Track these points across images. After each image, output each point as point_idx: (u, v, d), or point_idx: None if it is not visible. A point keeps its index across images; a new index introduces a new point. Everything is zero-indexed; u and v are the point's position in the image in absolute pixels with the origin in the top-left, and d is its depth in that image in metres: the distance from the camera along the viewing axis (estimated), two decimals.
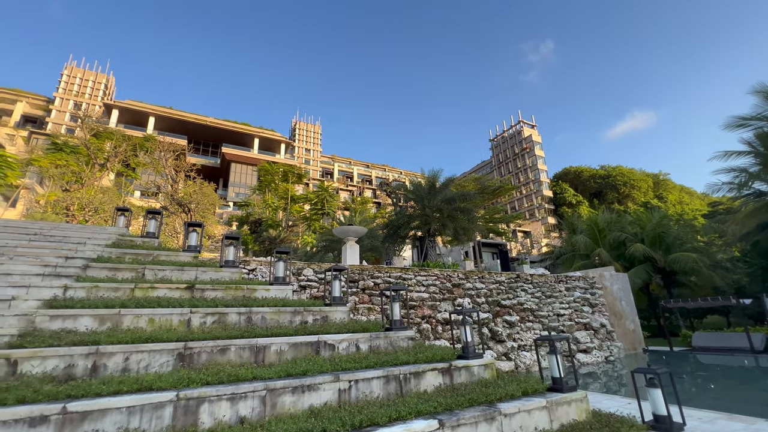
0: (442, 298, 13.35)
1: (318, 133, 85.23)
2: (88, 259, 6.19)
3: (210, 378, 3.74)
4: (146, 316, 4.71)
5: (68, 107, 58.15)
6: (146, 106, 59.71)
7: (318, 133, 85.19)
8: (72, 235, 7.21)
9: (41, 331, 4.03)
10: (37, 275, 5.29)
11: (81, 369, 3.68)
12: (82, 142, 28.92)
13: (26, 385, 3.20)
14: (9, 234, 6.71)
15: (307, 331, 5.18)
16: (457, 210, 18.72)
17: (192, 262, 7.02)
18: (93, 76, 63.07)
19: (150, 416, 3.21)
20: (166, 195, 23.35)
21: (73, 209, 17.97)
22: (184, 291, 5.69)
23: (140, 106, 59.12)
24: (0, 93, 54.78)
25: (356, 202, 55.53)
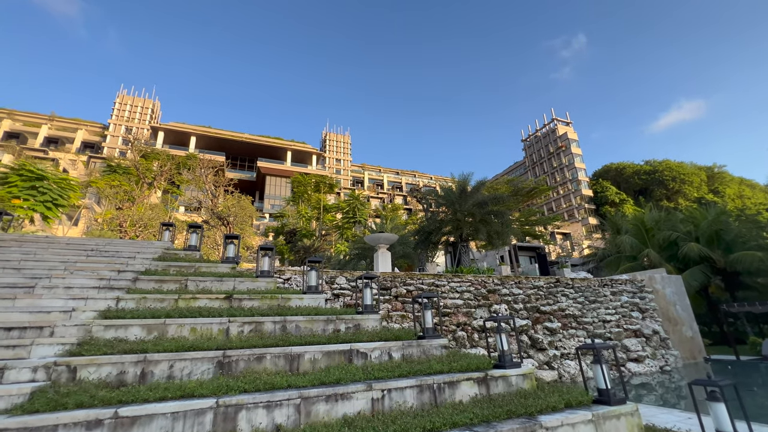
0: (477, 304, 13.01)
1: (348, 143, 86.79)
2: (138, 272, 6.64)
3: (247, 386, 3.85)
4: (189, 326, 4.96)
5: (120, 132, 63.37)
6: (188, 126, 63.74)
7: (348, 143, 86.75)
8: (123, 250, 7.79)
9: (97, 340, 4.36)
10: (93, 288, 5.74)
11: (131, 376, 3.93)
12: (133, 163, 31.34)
13: (84, 390, 3.45)
14: (70, 250, 7.36)
15: (340, 339, 5.22)
16: (490, 213, 18.25)
17: (230, 273, 7.33)
18: (141, 102, 68.38)
19: (192, 422, 3.35)
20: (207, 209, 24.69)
21: (126, 226, 19.46)
22: (223, 301, 5.95)
23: (182, 127, 63.21)
24: (63, 123, 60.73)
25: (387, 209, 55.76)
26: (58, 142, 58.23)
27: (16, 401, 3.24)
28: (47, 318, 4.70)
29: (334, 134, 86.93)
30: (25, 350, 4.00)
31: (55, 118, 60.62)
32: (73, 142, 59.14)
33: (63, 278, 5.85)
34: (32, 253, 6.82)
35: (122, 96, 66.80)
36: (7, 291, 5.22)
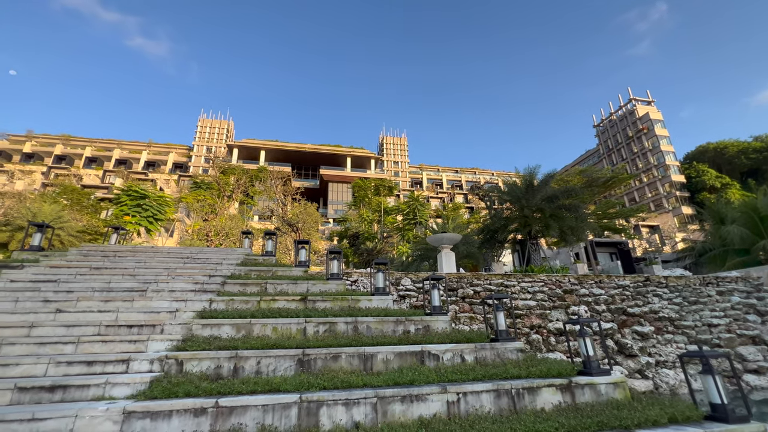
0: (552, 306, 12.14)
1: (404, 144, 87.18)
2: (225, 276, 7.37)
3: (326, 383, 4.04)
4: (271, 325, 5.37)
5: (203, 152, 71.16)
6: (257, 142, 69.34)
7: (404, 145, 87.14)
8: (212, 257, 8.72)
9: (197, 338, 4.92)
10: (191, 291, 6.51)
11: (226, 370, 4.36)
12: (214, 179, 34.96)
13: (189, 381, 3.92)
14: (170, 258, 8.44)
15: (410, 340, 5.23)
16: (562, 208, 16.94)
17: (303, 276, 7.78)
18: (218, 124, 76.11)
19: (280, 415, 3.61)
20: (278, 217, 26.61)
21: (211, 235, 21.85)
22: (299, 302, 6.33)
23: (253, 143, 68.93)
24: (158, 147, 70.00)
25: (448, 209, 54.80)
26: (154, 164, 67.31)
27: (140, 388, 3.79)
28: (157, 317, 5.43)
29: (390, 137, 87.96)
30: (143, 345, 4.66)
31: (152, 145, 70.19)
32: (166, 164, 67.88)
33: (167, 283, 6.72)
34: (143, 262, 7.96)
35: (203, 119, 75.03)
36: (127, 294, 6.15)
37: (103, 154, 64.35)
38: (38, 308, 5.33)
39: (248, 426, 3.50)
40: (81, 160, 61.74)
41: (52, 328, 4.83)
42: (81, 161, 61.61)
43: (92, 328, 4.92)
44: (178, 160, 69.80)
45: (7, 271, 6.61)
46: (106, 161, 63.40)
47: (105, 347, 4.55)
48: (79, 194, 33.23)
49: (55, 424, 3.19)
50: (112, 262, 7.74)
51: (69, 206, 26.81)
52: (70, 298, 5.72)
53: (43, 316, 5.14)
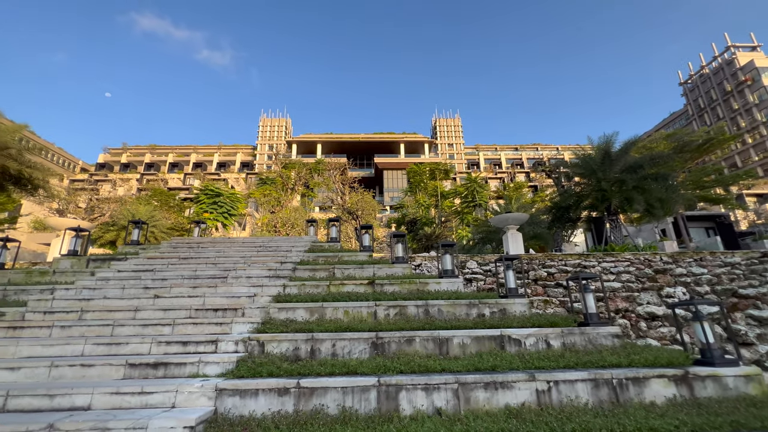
0: (641, 287, 10.82)
1: (458, 126, 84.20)
2: (295, 262, 7.63)
3: (403, 367, 3.91)
4: (342, 309, 5.39)
5: (265, 150, 75.72)
6: (313, 136, 71.85)
7: (458, 126, 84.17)
8: (282, 245, 9.12)
9: (275, 321, 5.11)
10: (265, 277, 6.83)
11: (303, 351, 4.45)
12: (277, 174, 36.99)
13: (271, 362, 4.04)
14: (245, 247, 9.00)
15: (487, 324, 4.90)
16: (647, 178, 14.94)
17: (368, 261, 7.77)
18: (277, 122, 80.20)
19: (359, 398, 3.56)
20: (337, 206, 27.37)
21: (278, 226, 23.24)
22: (367, 286, 6.30)
23: (310, 137, 71.57)
24: (227, 149, 75.95)
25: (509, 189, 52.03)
26: (225, 165, 73.31)
27: (228, 367, 4.00)
28: (238, 302, 5.75)
29: (443, 119, 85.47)
30: (228, 327, 4.94)
31: (221, 147, 76.38)
32: (235, 164, 73.54)
33: (244, 270, 7.13)
34: (222, 251, 8.58)
35: (263, 119, 79.63)
36: (211, 281, 6.63)
37: (182, 159, 71.60)
38: (140, 294, 5.95)
39: (329, 407, 3.50)
40: (165, 166, 69.40)
41: (152, 311, 5.34)
42: (165, 167, 69.26)
43: (184, 311, 5.35)
44: (244, 159, 75.15)
45: (114, 263, 7.52)
46: (186, 165, 70.46)
47: (196, 329, 4.91)
48: (166, 196, 37.30)
49: (160, 398, 3.47)
50: (197, 253, 8.45)
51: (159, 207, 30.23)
52: (164, 285, 6.31)
53: (144, 301, 5.72)
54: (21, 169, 14.54)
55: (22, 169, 14.55)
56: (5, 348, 4.32)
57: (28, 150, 16.80)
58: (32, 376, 3.87)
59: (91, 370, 3.92)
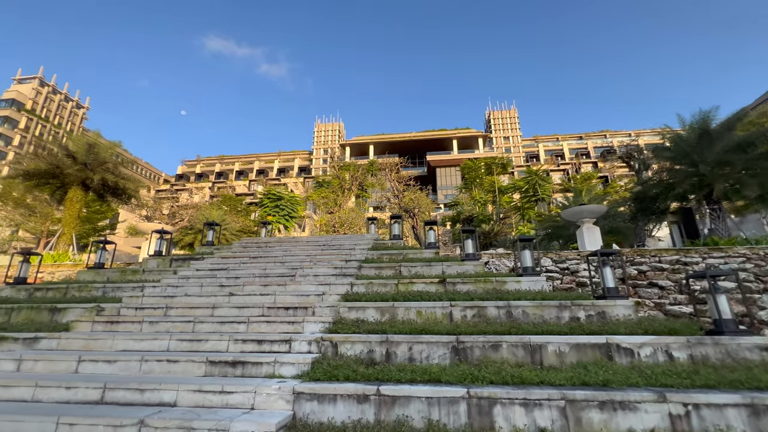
0: (763, 287, 9.02)
1: (515, 117, 79.99)
2: (360, 260, 7.44)
3: (493, 377, 3.43)
4: (414, 309, 5.02)
5: (320, 154, 78.54)
6: (365, 138, 72.94)
7: (515, 118, 79.95)
8: (344, 243, 9.04)
9: (346, 320, 4.90)
10: (332, 275, 6.72)
11: (378, 354, 4.15)
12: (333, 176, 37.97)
13: (347, 365, 3.80)
14: (310, 246, 9.06)
15: (586, 329, 4.20)
16: (760, 158, 12.54)
17: (435, 258, 7.33)
18: (331, 127, 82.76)
19: (447, 410, 3.15)
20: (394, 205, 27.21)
21: (336, 226, 23.72)
22: (438, 285, 5.87)
23: (362, 139, 72.79)
24: (286, 155, 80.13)
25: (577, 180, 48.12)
26: (285, 170, 77.40)
27: (303, 368, 3.83)
28: (307, 300, 5.66)
29: (497, 112, 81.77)
30: (300, 326, 4.83)
31: (281, 154, 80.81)
32: (293, 169, 77.34)
33: (311, 268, 7.10)
34: (288, 250, 8.72)
35: (318, 125, 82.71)
36: (280, 279, 6.67)
37: (247, 167, 77.00)
38: (216, 292, 6.14)
39: (414, 419, 3.14)
40: (233, 174, 75.15)
41: (228, 309, 5.45)
42: (233, 175, 74.99)
43: (257, 309, 5.37)
44: (302, 164, 78.69)
45: (193, 262, 7.96)
46: (250, 173, 75.65)
47: (269, 327, 4.86)
48: (234, 201, 40.13)
49: (240, 398, 3.38)
50: (265, 252, 8.67)
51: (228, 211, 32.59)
52: (238, 283, 6.47)
53: (220, 298, 5.87)
54: (117, 181, 16.39)
55: (118, 180, 16.39)
56: (104, 341, 4.62)
57: (121, 164, 18.97)
58: (126, 369, 4.05)
59: (175, 366, 4.00)
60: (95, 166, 15.86)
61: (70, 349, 4.63)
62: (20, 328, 5.07)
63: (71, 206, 15.54)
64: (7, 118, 62.25)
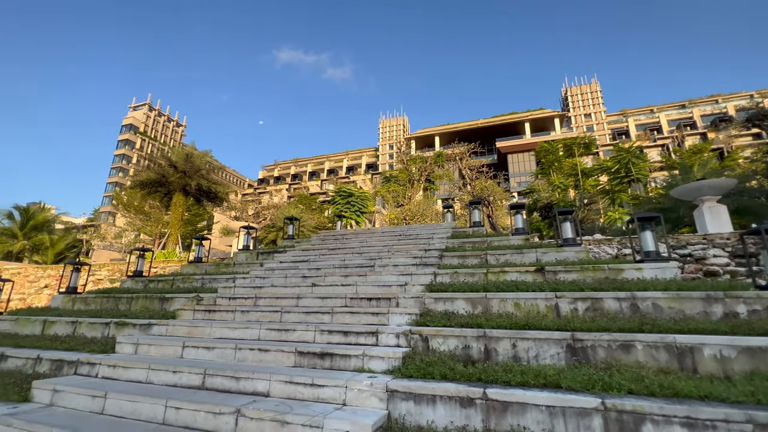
0: None
1: (597, 91, 71.71)
2: (440, 249, 6.97)
3: (632, 385, 2.71)
4: (511, 300, 4.40)
5: (386, 150, 79.29)
6: (430, 129, 71.61)
7: (597, 92, 71.67)
8: (421, 233, 8.64)
9: (434, 312, 4.48)
10: (412, 265, 6.36)
11: (475, 351, 3.66)
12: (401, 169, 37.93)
13: (441, 361, 3.37)
14: (385, 237, 8.85)
15: (757, 329, 3.19)
16: None
17: (526, 245, 6.53)
18: (395, 122, 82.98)
19: (576, 424, 2.54)
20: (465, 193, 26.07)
21: (408, 218, 23.49)
22: (535, 274, 5.14)
23: (427, 131, 71.62)
24: (353, 154, 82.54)
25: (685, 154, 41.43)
26: (353, 168, 79.82)
27: (394, 363, 3.51)
28: (389, 291, 5.38)
29: (576, 88, 74.05)
30: (385, 317, 4.55)
31: (349, 153, 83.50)
32: (361, 166, 79.37)
33: (389, 258, 6.84)
34: (364, 241, 8.61)
35: (382, 121, 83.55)
36: (359, 269, 6.52)
37: (318, 167, 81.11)
38: (299, 283, 6.19)
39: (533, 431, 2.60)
40: (306, 175, 79.78)
41: (311, 299, 5.41)
42: (306, 176, 79.62)
43: (340, 300, 5.23)
44: (369, 161, 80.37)
45: (276, 255, 8.27)
46: (321, 173, 79.55)
47: (353, 318, 4.67)
48: (309, 200, 42.36)
49: (331, 393, 3.17)
50: (342, 243, 8.67)
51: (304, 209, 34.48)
52: (319, 274, 6.47)
53: (303, 289, 5.89)
54: (210, 186, 18.20)
55: (211, 185, 18.19)
56: (203, 329, 4.86)
57: (212, 171, 21.05)
58: (222, 356, 4.16)
59: (266, 355, 3.98)
60: (192, 173, 17.78)
61: (176, 335, 4.96)
62: (138, 315, 5.63)
63: (175, 210, 17.64)
64: (127, 140, 74.21)
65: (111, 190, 69.50)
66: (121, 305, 6.54)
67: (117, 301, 6.62)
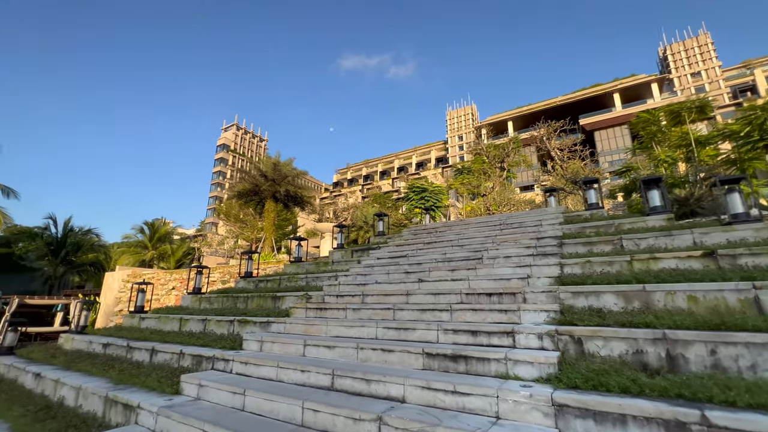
0: None
1: (707, 44, 60.46)
2: (555, 237, 6.12)
3: None
4: (682, 293, 3.49)
5: (455, 141, 76.96)
6: (502, 115, 67.46)
7: (707, 45, 60.40)
8: (525, 220, 7.80)
9: (576, 309, 3.79)
10: (527, 255, 5.65)
11: (653, 357, 2.91)
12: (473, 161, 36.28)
13: (613, 369, 2.72)
14: (482, 227, 8.19)
15: None
16: None
17: (673, 225, 5.36)
18: (462, 112, 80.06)
19: None
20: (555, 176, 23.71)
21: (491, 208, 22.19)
22: (703, 260, 4.08)
23: (498, 117, 67.66)
24: (421, 149, 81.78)
25: None
26: (422, 164, 79.09)
27: (547, 370, 2.95)
28: (509, 285, 4.79)
29: (678, 44, 63.33)
30: (515, 315, 3.99)
31: (417, 149, 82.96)
32: (430, 161, 78.28)
33: (496, 249, 6.21)
34: (461, 233, 8.07)
35: (449, 112, 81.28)
36: (465, 263, 6.02)
37: (388, 167, 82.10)
38: (403, 278, 5.92)
39: None
40: (377, 175, 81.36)
41: (422, 296, 5.07)
42: (377, 176, 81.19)
43: (454, 296, 4.79)
44: (438, 155, 78.90)
45: (371, 252, 8.18)
46: (391, 171, 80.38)
47: (476, 316, 4.19)
48: (383, 198, 42.90)
49: (479, 403, 2.75)
50: (437, 237, 8.24)
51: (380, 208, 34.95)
52: (422, 269, 6.13)
53: (410, 285, 5.60)
54: (296, 191, 19.30)
55: (297, 190, 19.28)
56: (319, 327, 4.84)
57: (297, 176, 22.36)
58: (344, 356, 4.02)
59: (390, 356, 3.72)
60: (280, 180, 19.04)
61: (294, 333, 5.02)
62: (256, 313, 5.90)
63: (268, 216, 19.06)
64: (222, 158, 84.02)
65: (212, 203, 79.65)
66: (239, 304, 7.01)
67: (235, 300, 7.11)
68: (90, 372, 5.10)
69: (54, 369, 5.50)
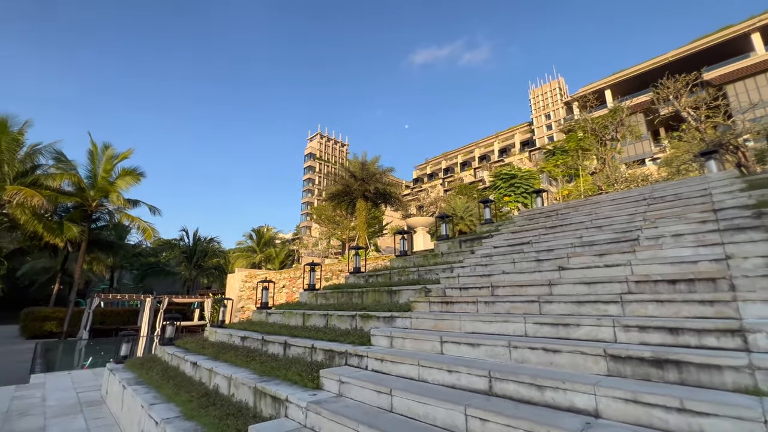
0: None
1: None
2: (741, 206, 4.71)
3: None
4: None
5: (542, 121, 70.44)
6: (597, 84, 59.35)
7: None
8: (680, 191, 6.30)
9: None
10: (709, 231, 4.41)
11: None
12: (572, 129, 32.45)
13: None
14: (622, 204, 6.89)
15: None
16: None
17: None
18: (548, 87, 72.90)
19: None
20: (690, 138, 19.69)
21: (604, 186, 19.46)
22: None
23: (592, 87, 59.70)
24: (504, 134, 76.77)
25: None
26: (506, 150, 74.15)
27: None
28: (697, 269, 3.73)
29: None
30: (727, 306, 3.00)
31: (498, 135, 78.16)
32: (514, 146, 72.97)
33: (654, 228, 5.04)
34: (592, 213, 6.90)
35: (533, 90, 74.77)
36: (614, 246, 5.00)
37: (468, 157, 78.99)
38: (535, 267, 5.17)
39: None
40: (457, 167, 78.87)
41: (570, 285, 4.28)
42: (457, 167, 78.70)
43: (617, 285, 3.91)
44: (522, 138, 73.21)
45: (483, 241, 7.51)
46: (472, 161, 77.13)
47: (663, 309, 3.30)
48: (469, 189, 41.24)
49: (729, 427, 1.98)
50: (560, 220, 7.20)
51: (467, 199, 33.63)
52: (557, 255, 5.28)
53: (547, 274, 4.84)
54: (384, 188, 19.44)
55: (386, 187, 19.41)
56: (450, 322, 4.41)
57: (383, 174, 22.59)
58: (493, 355, 3.50)
59: (557, 357, 3.09)
60: (368, 178, 19.37)
61: (422, 328, 4.69)
62: (375, 308, 5.75)
63: (360, 215, 19.55)
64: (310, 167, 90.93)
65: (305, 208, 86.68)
66: (353, 299, 7.01)
67: (349, 295, 7.14)
68: (235, 363, 5.49)
69: (206, 359, 6.09)
